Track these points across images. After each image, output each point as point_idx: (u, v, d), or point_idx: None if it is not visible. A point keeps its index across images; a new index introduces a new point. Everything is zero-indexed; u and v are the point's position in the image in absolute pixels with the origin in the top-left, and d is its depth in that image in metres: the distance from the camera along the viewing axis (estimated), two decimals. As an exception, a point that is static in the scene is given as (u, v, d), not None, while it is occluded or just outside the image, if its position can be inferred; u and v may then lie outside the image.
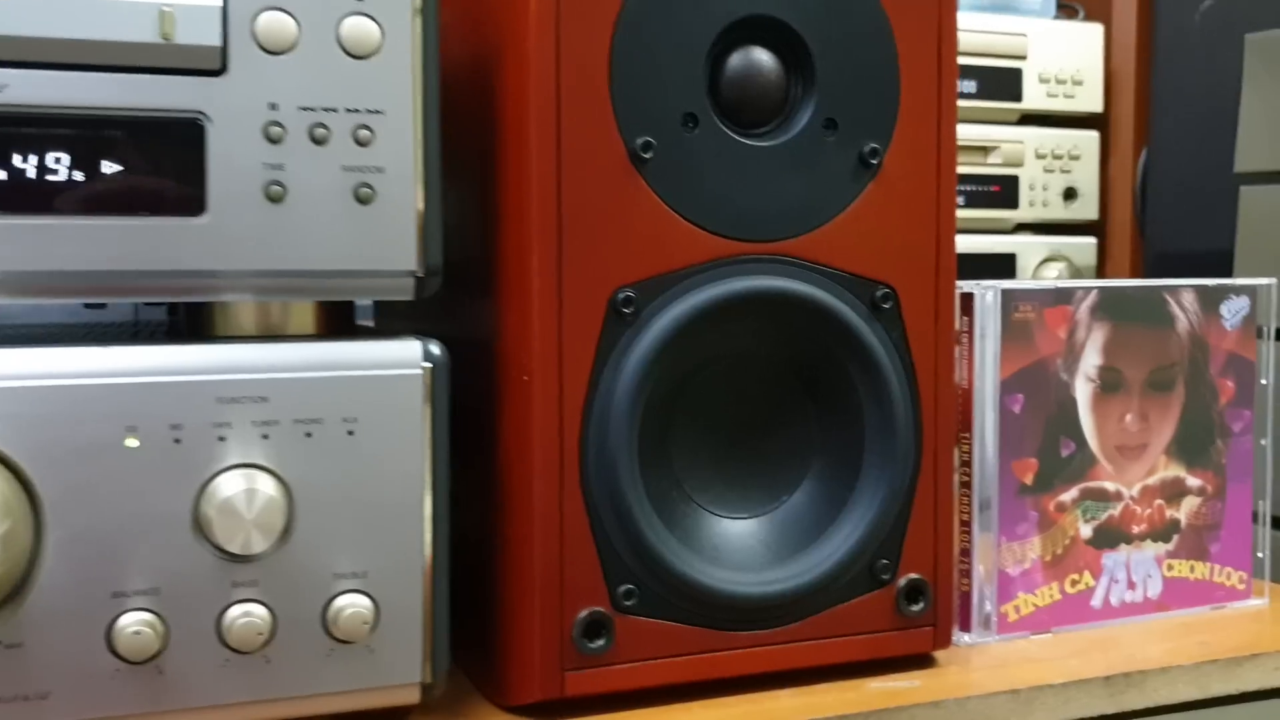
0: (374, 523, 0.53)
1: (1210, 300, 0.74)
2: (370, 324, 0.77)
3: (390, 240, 0.53)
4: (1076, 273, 1.47)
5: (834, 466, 0.63)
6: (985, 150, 1.46)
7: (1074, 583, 0.70)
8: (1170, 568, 0.73)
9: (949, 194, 0.63)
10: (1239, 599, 0.75)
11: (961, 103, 1.45)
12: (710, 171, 0.58)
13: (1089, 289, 0.70)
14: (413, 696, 0.55)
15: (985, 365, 0.68)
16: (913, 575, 0.63)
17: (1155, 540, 0.73)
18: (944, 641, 0.64)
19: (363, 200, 0.53)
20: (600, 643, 0.57)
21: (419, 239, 0.54)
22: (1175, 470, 0.73)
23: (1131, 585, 0.72)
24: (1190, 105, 1.50)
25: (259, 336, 0.55)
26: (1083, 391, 0.70)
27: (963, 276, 0.65)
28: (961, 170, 1.44)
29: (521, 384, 0.56)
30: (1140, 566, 0.72)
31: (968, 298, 0.67)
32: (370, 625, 0.53)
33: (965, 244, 1.43)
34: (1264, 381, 0.76)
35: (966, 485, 0.68)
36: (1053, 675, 0.63)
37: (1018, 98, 1.46)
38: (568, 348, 0.56)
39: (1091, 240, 1.50)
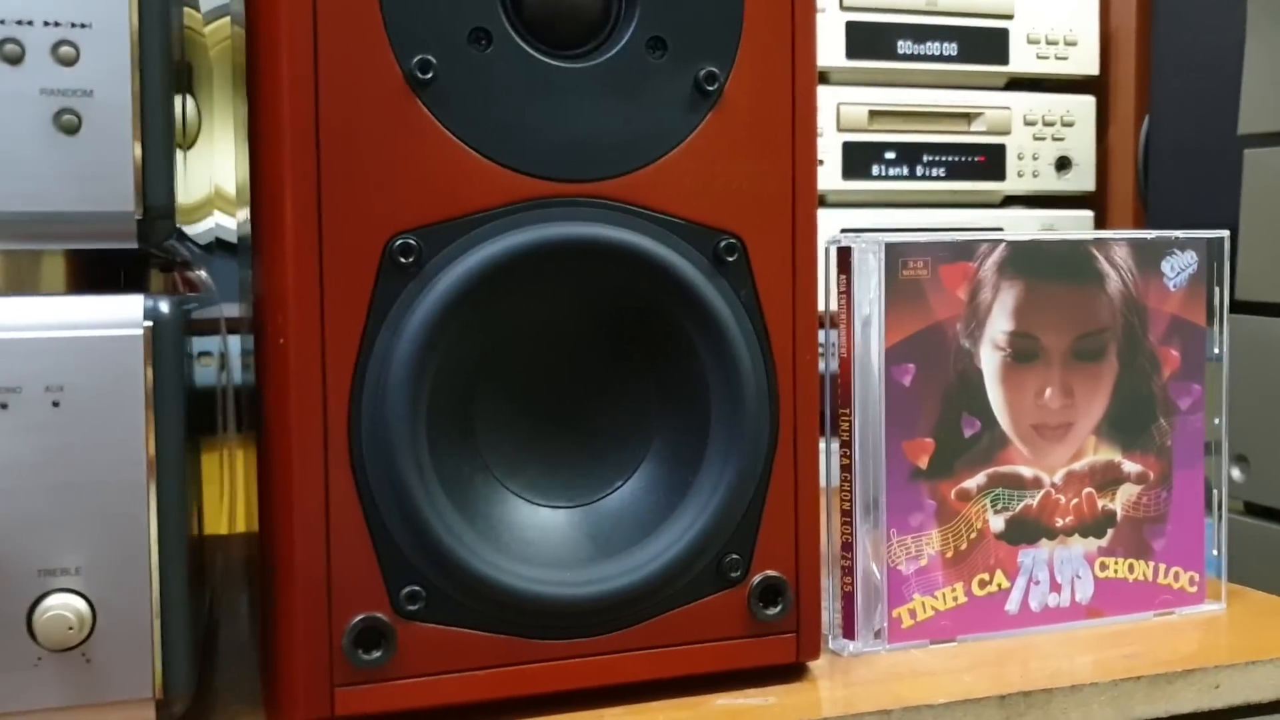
0: (88, 510, 0.45)
1: (1149, 256, 0.64)
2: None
3: (101, 176, 0.45)
4: (1070, 249, 1.36)
5: (675, 447, 0.54)
6: (968, 117, 1.35)
7: (983, 583, 0.61)
8: (1104, 567, 0.63)
9: (808, 130, 0.54)
10: (1189, 603, 0.65)
11: (942, 66, 1.35)
12: (510, 98, 0.49)
13: (996, 242, 0.60)
14: (145, 714, 0.46)
15: (868, 331, 0.58)
16: (769, 573, 0.54)
17: (1085, 535, 0.63)
18: (810, 651, 0.55)
19: (67, 129, 0.45)
20: (377, 654, 0.48)
21: (136, 175, 0.45)
22: (1108, 454, 0.63)
23: (1056, 587, 0.62)
24: (1196, 67, 1.39)
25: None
26: (990, 362, 0.60)
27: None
28: (942, 139, 1.34)
29: (278, 348, 0.48)
30: (1067, 565, 0.62)
31: (845, 252, 0.58)
32: (81, 630, 0.44)
33: (947, 219, 1.33)
34: (1216, 351, 0.66)
35: (847, 469, 0.58)
36: (939, 692, 0.53)
37: (1004, 60, 1.36)
38: (331, 304, 0.47)
39: (1088, 214, 1.39)
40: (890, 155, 1.31)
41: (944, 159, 1.34)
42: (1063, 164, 1.38)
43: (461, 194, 0.49)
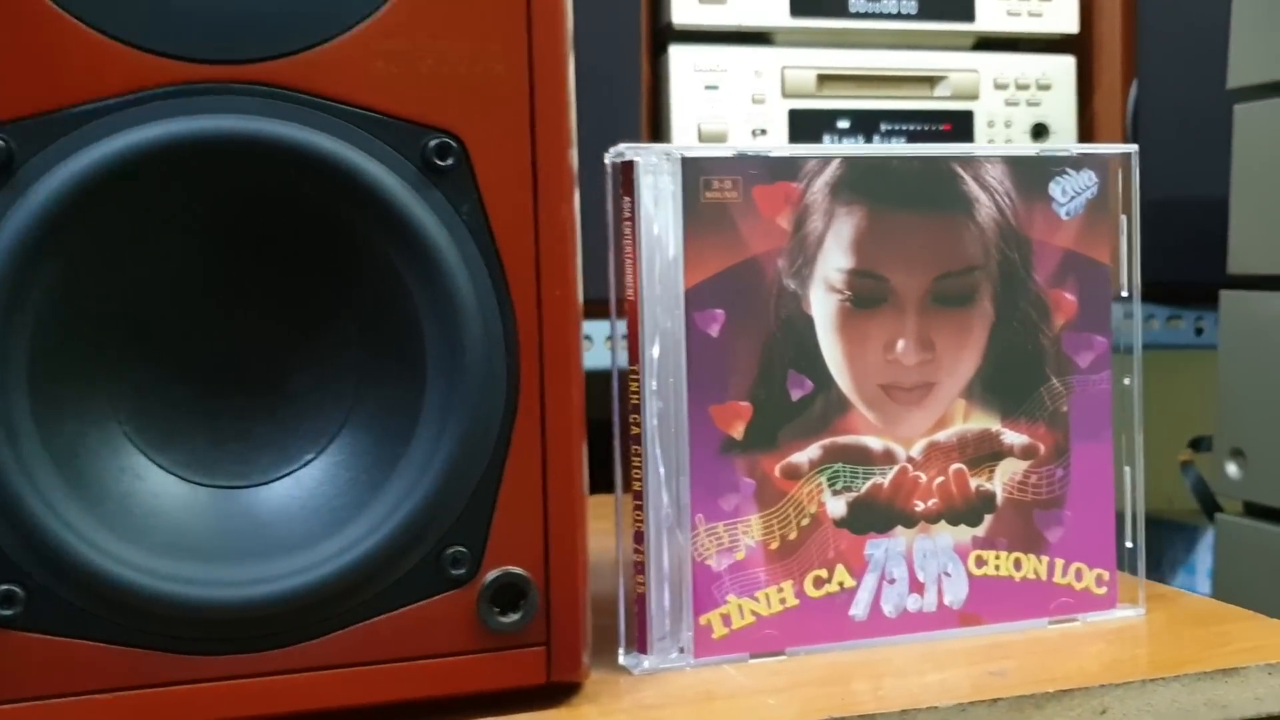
0: None
1: (1033, 177, 0.51)
2: None
3: None
4: (1049, 225, 1.23)
5: (381, 412, 0.42)
6: (931, 81, 1.23)
7: (819, 582, 0.49)
8: (981, 562, 0.51)
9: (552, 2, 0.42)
10: (1096, 608, 0.52)
11: (901, 25, 1.23)
12: (134, -45, 0.38)
13: (827, 158, 0.49)
14: None
15: (657, 267, 0.46)
16: (506, 570, 0.42)
17: (955, 523, 0.51)
18: (566, 668, 0.43)
19: None
20: (-45, 673, 0.37)
21: None
22: (982, 422, 0.51)
23: (918, 587, 0.50)
24: (1190, 24, 1.25)
25: None
26: (823, 307, 0.48)
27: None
28: (901, 106, 1.22)
29: None
30: (931, 560, 0.50)
31: (627, 168, 0.46)
32: None
33: (913, 194, 1.20)
34: (1126, 294, 0.53)
35: (636, 439, 0.47)
36: (729, 721, 0.41)
37: (970, 17, 1.23)
38: (-116, 220, 0.37)
39: (1068, 186, 1.26)
40: (843, 124, 1.19)
41: (904, 128, 1.21)
42: (1039, 131, 1.25)
43: (67, 79, 0.38)
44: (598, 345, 0.93)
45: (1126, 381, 0.53)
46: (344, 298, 0.42)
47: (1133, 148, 0.53)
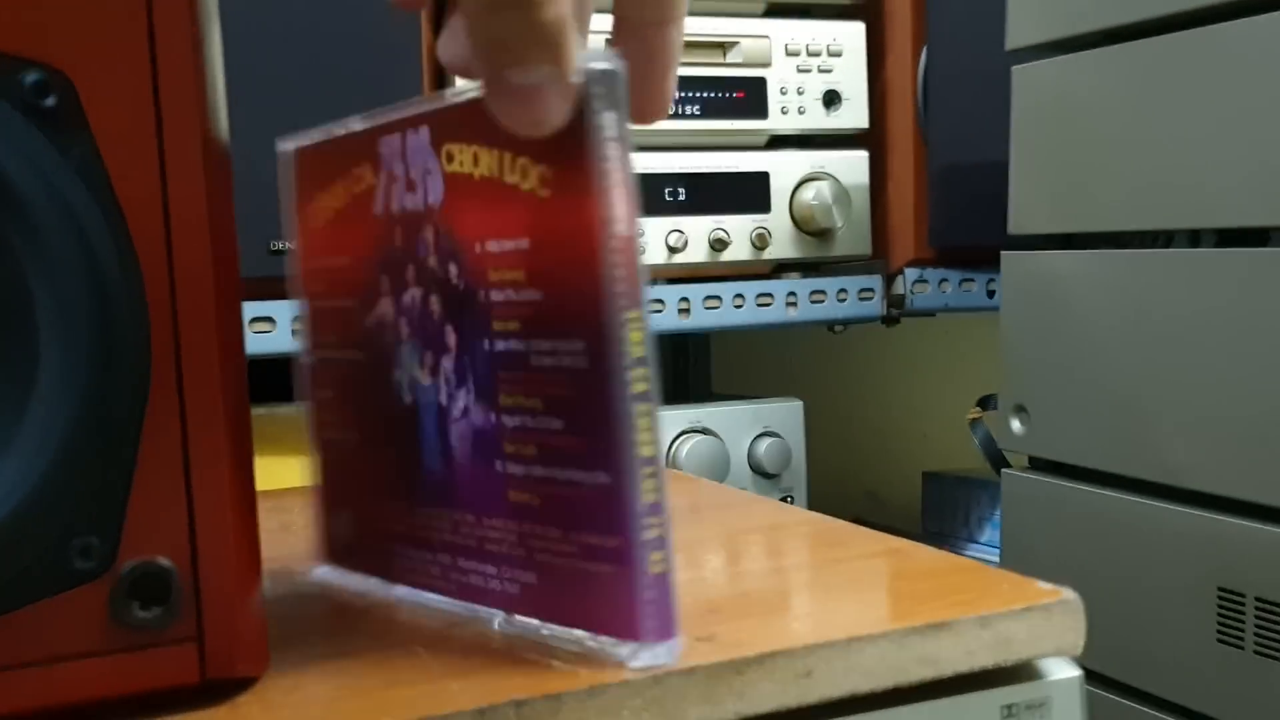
0: None
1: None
2: None
3: None
4: (843, 194, 1.23)
5: (-9, 383, 0.37)
6: (722, 48, 1.21)
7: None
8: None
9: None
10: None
11: (688, -9, 1.21)
12: None
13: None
14: None
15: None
16: (147, 560, 0.38)
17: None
18: (226, 665, 0.39)
19: None
20: None
21: None
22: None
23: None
24: (976, -13, 1.27)
25: None
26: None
27: (709, 203, 0.41)
28: (694, 73, 1.20)
29: None
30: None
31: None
32: None
33: (707, 163, 1.19)
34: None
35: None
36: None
37: (757, -17, 1.22)
38: None
39: (861, 154, 1.26)
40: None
41: (697, 95, 1.20)
42: (831, 99, 1.24)
43: None
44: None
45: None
46: (-60, 260, 0.37)
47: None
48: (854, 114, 1.25)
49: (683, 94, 1.20)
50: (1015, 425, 1.05)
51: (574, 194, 0.37)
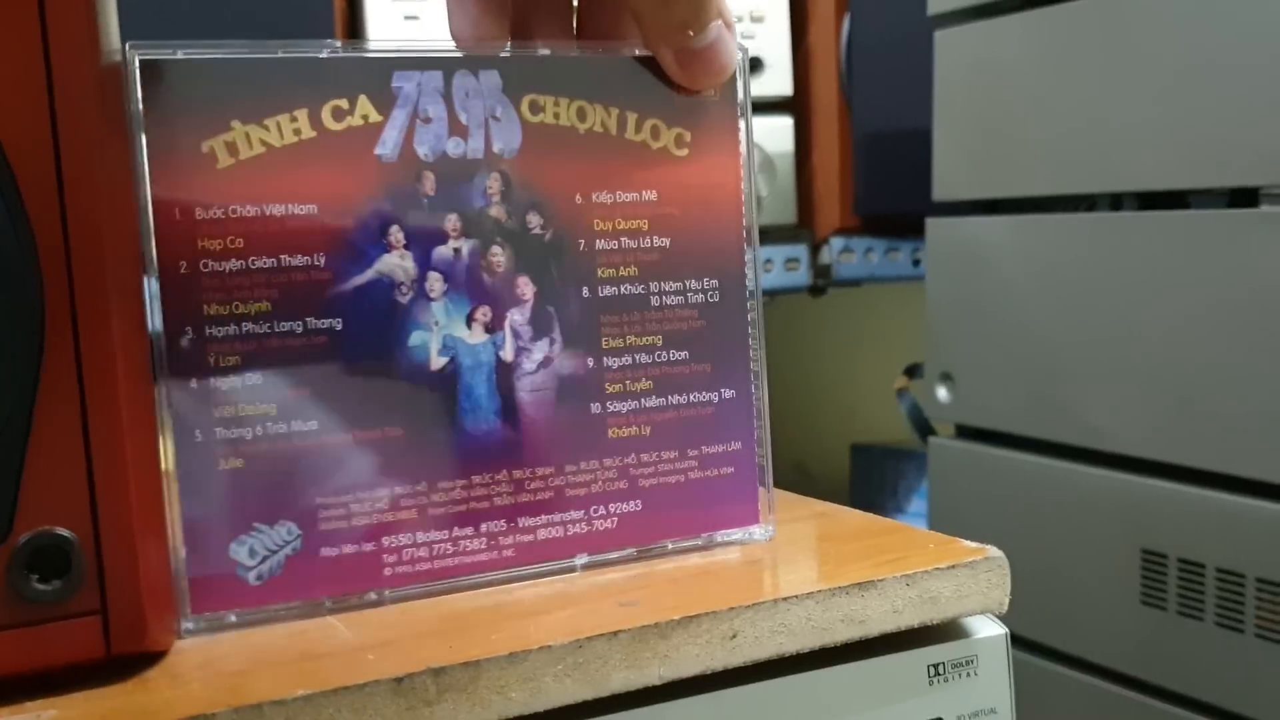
0: None
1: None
2: None
3: None
4: (768, 161, 1.23)
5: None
6: (645, 15, 1.20)
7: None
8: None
9: None
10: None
11: (611, -42, 1.20)
12: None
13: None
14: None
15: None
16: (44, 530, 0.36)
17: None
18: (132, 639, 0.37)
19: None
20: None
21: None
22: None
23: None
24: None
25: None
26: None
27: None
28: (617, 41, 1.19)
29: None
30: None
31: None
32: None
33: (632, 132, 1.17)
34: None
35: (214, 375, 0.41)
36: (309, 681, 0.37)
37: (680, -50, 1.21)
38: None
39: (786, 120, 1.26)
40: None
41: (620, 64, 1.18)
42: (754, 65, 1.24)
43: None
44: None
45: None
46: None
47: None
48: (778, 81, 1.25)
49: (607, 62, 1.18)
50: (941, 393, 1.06)
51: (712, 154, 0.45)
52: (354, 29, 1.08)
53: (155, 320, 0.39)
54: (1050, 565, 0.95)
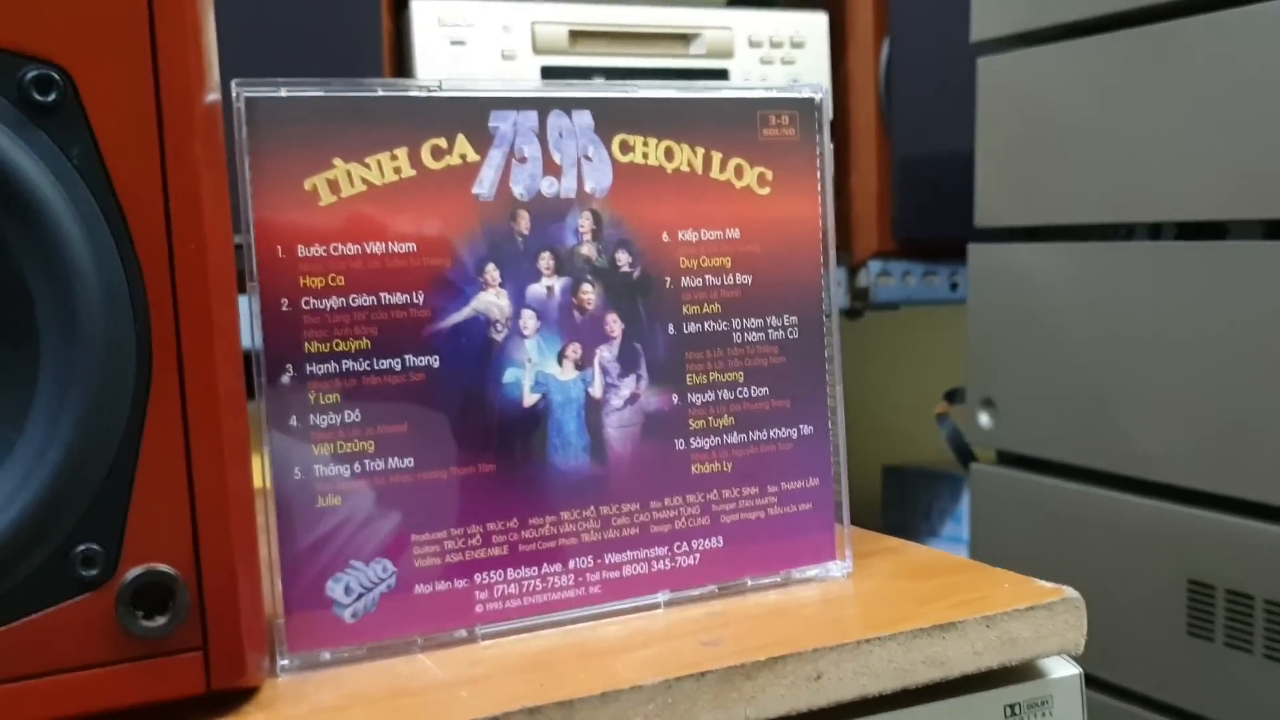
0: None
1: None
2: None
3: None
4: (808, 183, 1.23)
5: (-11, 389, 0.36)
6: (685, 39, 1.21)
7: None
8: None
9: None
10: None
11: (653, -20, 1.20)
12: None
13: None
14: None
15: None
16: (150, 567, 0.37)
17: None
18: (230, 675, 0.38)
19: None
20: None
21: None
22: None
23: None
24: (937, -20, 1.27)
25: None
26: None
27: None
28: (655, 64, 1.20)
29: None
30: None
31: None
32: None
33: (672, 155, 1.18)
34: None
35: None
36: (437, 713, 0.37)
37: (722, -26, 1.21)
38: None
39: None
40: (598, 82, 1.16)
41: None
42: (794, 89, 1.24)
43: None
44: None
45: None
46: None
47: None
48: (818, 106, 1.25)
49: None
50: (983, 419, 1.06)
51: (794, 194, 0.46)
52: (401, 55, 1.09)
53: (257, 357, 0.40)
54: (1094, 595, 0.95)
